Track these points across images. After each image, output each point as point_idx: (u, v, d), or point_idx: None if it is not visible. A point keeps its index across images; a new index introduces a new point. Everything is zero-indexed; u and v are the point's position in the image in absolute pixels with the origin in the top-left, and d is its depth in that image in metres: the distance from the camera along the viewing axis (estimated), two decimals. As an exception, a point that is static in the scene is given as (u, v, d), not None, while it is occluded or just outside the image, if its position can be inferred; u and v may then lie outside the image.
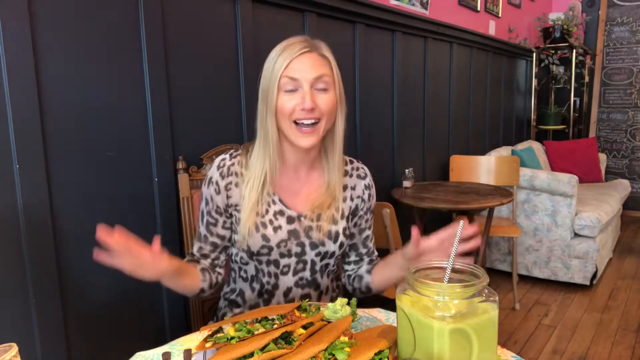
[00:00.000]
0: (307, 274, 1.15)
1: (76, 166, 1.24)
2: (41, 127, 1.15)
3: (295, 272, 1.14)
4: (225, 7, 1.59)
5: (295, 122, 1.04)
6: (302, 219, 1.12)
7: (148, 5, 1.35)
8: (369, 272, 1.20)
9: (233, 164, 1.12)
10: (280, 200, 1.12)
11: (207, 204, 1.13)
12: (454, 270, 0.75)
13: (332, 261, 1.18)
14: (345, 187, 1.18)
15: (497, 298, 0.71)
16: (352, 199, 1.18)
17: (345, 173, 1.19)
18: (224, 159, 1.13)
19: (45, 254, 1.18)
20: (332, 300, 1.24)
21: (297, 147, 1.07)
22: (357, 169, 1.21)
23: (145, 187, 1.40)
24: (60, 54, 1.19)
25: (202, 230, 1.15)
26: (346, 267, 1.26)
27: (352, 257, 1.24)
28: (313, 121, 1.04)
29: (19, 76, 1.10)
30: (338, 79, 1.08)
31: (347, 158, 1.22)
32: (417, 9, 2.64)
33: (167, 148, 1.43)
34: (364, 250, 1.24)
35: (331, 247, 1.14)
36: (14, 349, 0.69)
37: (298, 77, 1.02)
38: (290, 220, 1.11)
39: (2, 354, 0.68)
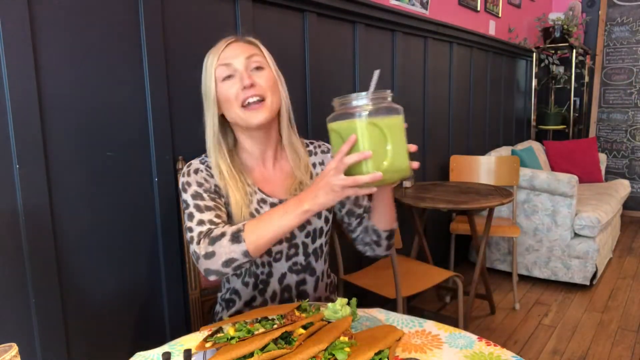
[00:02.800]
0: (300, 258, 1.18)
1: (76, 166, 1.24)
2: (41, 127, 1.15)
3: (288, 258, 1.16)
4: (225, 7, 1.59)
5: (243, 106, 1.07)
6: None
7: (148, 5, 1.35)
8: (369, 218, 1.20)
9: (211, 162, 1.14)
10: (260, 190, 1.15)
11: (200, 185, 1.10)
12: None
13: (323, 241, 1.20)
14: (314, 165, 1.22)
15: (402, 109, 0.92)
16: None
17: (310, 153, 1.24)
18: (203, 158, 1.16)
19: (45, 254, 1.18)
20: (327, 287, 1.26)
21: (252, 128, 1.10)
22: (319, 146, 1.27)
23: (145, 187, 1.40)
24: (60, 54, 1.19)
25: (209, 202, 1.08)
26: (353, 235, 1.26)
27: (354, 223, 1.24)
28: (258, 98, 1.07)
29: (19, 76, 1.10)
30: (271, 59, 1.13)
31: (307, 141, 1.27)
32: (417, 9, 2.64)
33: (167, 148, 1.43)
34: (360, 211, 1.24)
35: (317, 223, 1.17)
36: (13, 349, 0.69)
37: (231, 62, 1.07)
38: (273, 206, 1.14)
39: (2, 354, 0.68)
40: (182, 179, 1.12)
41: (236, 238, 0.98)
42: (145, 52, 1.35)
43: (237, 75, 1.07)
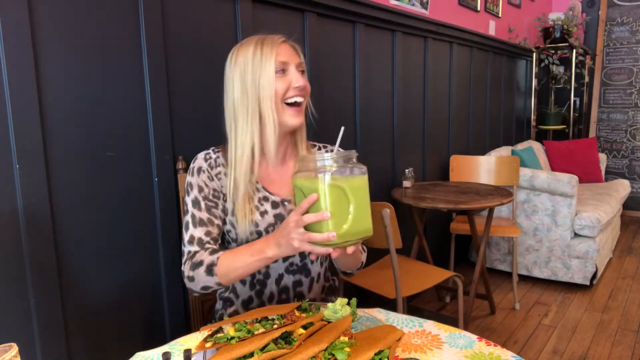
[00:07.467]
0: (296, 259, 1.18)
1: (76, 166, 1.24)
2: (41, 127, 1.15)
3: (285, 258, 1.17)
4: (225, 7, 1.59)
5: (286, 103, 1.10)
6: (286, 203, 1.16)
7: (148, 5, 1.35)
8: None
9: (218, 157, 1.17)
10: (264, 187, 1.16)
11: (201, 190, 1.14)
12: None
13: None
14: None
15: (366, 170, 0.91)
16: None
17: None
18: (208, 153, 1.18)
19: (45, 254, 1.18)
20: (324, 289, 1.26)
21: (286, 127, 1.12)
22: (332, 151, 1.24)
23: (145, 187, 1.40)
24: (60, 54, 1.19)
25: (203, 215, 1.13)
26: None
27: None
28: (301, 99, 1.11)
29: (19, 76, 1.10)
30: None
31: (320, 144, 1.27)
32: (417, 9, 2.64)
33: (167, 148, 1.43)
34: None
35: None
36: (13, 349, 0.69)
37: (288, 61, 1.09)
38: (274, 205, 1.15)
39: (2, 354, 0.68)
40: (187, 177, 1.16)
41: (210, 271, 1.06)
42: (145, 51, 1.35)
43: (288, 75, 1.09)
